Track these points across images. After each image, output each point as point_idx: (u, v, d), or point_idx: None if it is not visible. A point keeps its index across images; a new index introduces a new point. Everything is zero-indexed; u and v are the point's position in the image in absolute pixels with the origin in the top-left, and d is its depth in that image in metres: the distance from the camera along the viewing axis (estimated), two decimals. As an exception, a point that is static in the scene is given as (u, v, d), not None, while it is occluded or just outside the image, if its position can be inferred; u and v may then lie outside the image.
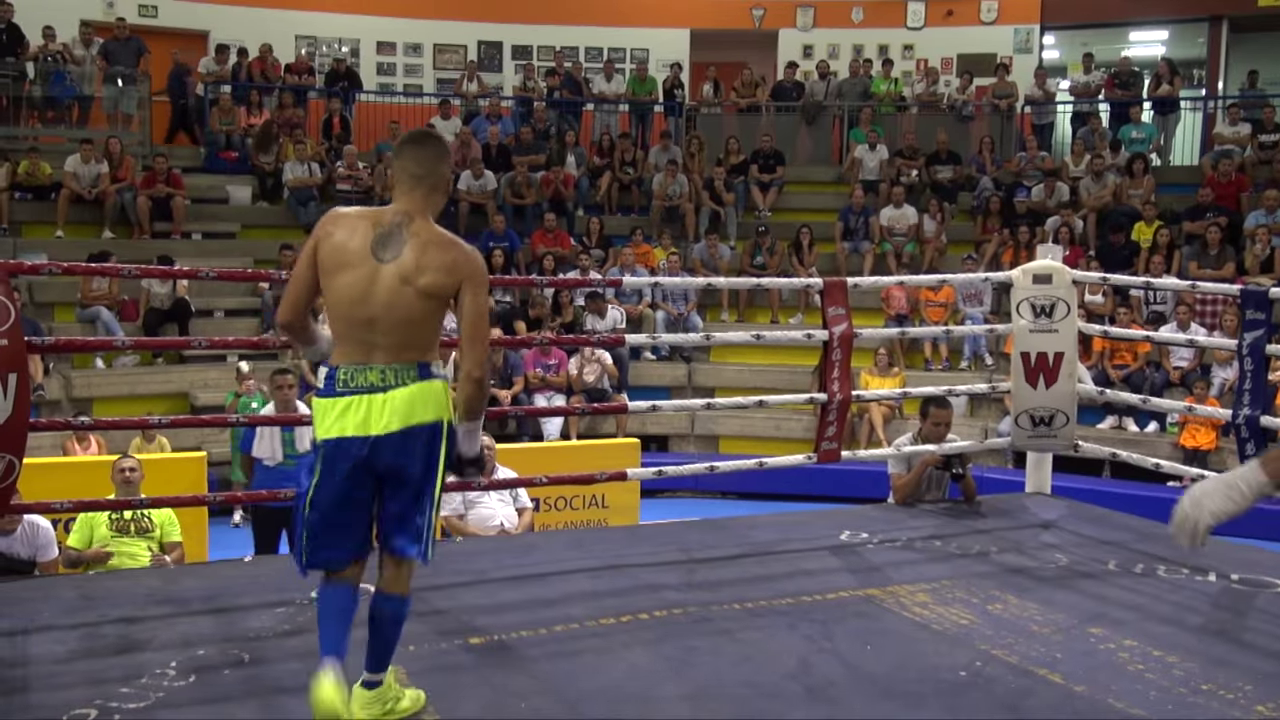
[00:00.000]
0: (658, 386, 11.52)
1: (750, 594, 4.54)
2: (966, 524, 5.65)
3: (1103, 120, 14.83)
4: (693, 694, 3.60)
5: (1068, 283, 5.93)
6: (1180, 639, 4.14)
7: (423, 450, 3.12)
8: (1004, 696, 3.62)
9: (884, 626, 4.23)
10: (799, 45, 16.94)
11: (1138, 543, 5.41)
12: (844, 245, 13.30)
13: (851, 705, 3.54)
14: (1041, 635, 4.14)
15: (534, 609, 4.33)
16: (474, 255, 3.20)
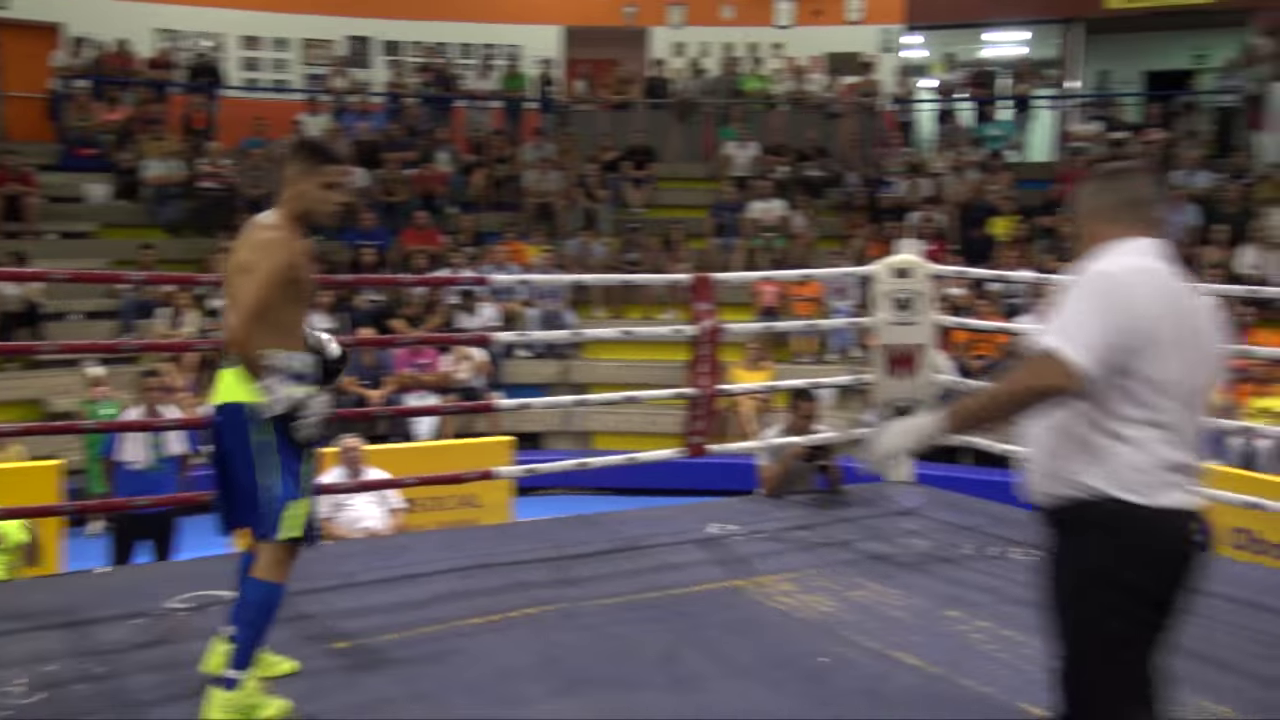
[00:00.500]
0: (532, 384, 11.48)
1: (619, 589, 4.58)
2: (831, 514, 5.79)
3: (964, 118, 15.26)
4: (561, 689, 3.62)
5: (926, 276, 6.11)
6: (1031, 619, 4.27)
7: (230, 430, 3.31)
8: (864, 680, 3.72)
9: (749, 616, 4.31)
10: (670, 43, 17.06)
11: (993, 527, 5.60)
12: (715, 241, 13.45)
13: (717, 693, 3.60)
14: (901, 620, 4.27)
15: (402, 611, 4.30)
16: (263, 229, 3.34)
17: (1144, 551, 2.41)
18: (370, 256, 12.05)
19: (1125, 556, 2.41)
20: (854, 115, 15.37)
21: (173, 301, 10.89)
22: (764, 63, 16.37)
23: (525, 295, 12.20)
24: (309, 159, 3.38)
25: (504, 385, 11.21)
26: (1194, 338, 2.46)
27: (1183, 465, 2.45)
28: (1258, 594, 4.70)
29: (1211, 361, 2.53)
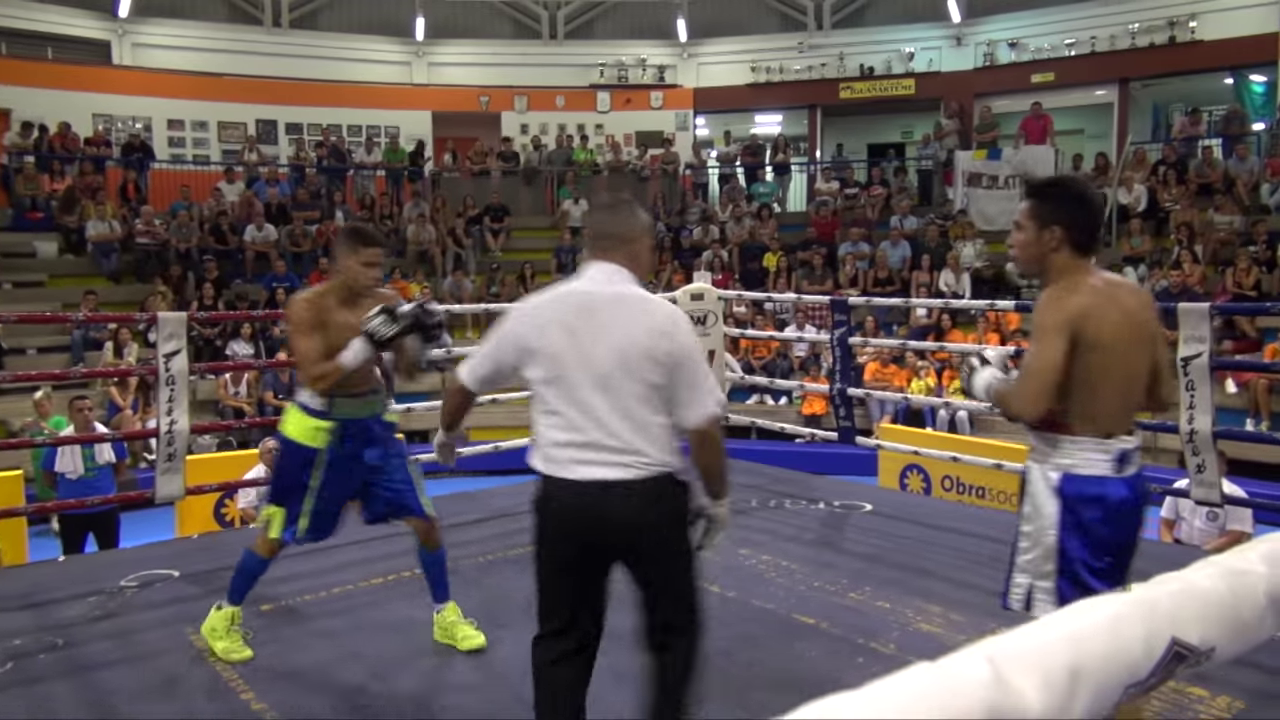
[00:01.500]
0: (419, 391, 11.24)
1: (489, 548, 4.53)
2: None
3: (740, 179, 15.64)
4: (446, 631, 3.55)
5: (715, 298, 6.23)
6: (800, 551, 4.45)
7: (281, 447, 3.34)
8: (679, 606, 3.77)
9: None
10: (517, 123, 16.95)
11: (772, 485, 5.75)
12: (558, 276, 13.41)
13: (568, 626, 3.59)
14: (706, 559, 4.32)
15: (316, 576, 4.15)
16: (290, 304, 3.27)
17: (545, 510, 2.33)
18: (283, 295, 11.59)
19: (540, 515, 2.36)
20: (659, 178, 15.57)
21: (116, 337, 10.24)
22: (589, 139, 16.43)
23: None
24: (352, 242, 3.22)
25: (396, 394, 10.93)
26: (586, 342, 2.24)
27: (579, 443, 2.24)
28: (960, 523, 4.97)
29: (620, 352, 2.24)
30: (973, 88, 15.48)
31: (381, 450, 3.32)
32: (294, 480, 3.22)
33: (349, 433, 3.26)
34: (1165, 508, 5.16)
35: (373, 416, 3.33)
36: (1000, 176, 13.39)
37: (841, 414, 5.67)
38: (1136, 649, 0.49)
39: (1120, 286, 2.35)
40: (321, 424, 3.22)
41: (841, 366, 5.67)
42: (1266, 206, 11.46)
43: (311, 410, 3.23)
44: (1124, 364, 2.26)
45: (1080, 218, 2.30)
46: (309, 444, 3.21)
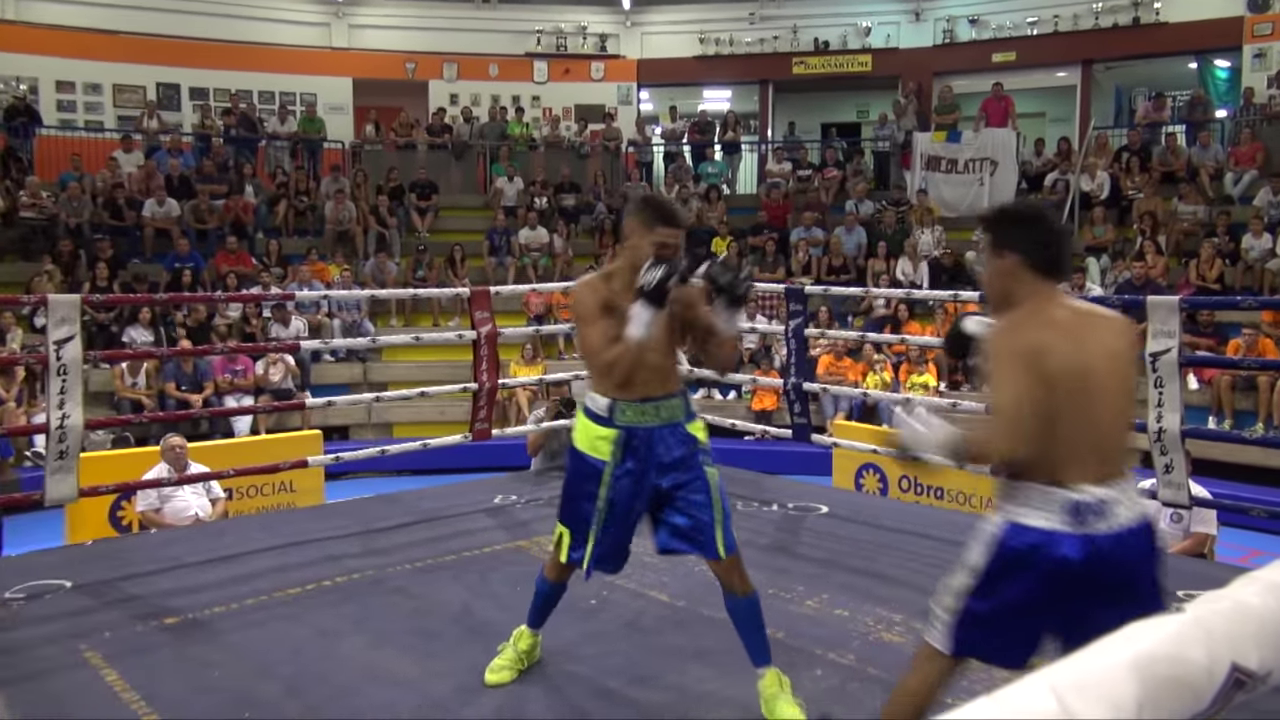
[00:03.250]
0: (337, 384, 11.04)
1: (419, 554, 4.46)
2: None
3: (687, 158, 15.66)
4: (371, 644, 3.49)
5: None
6: (753, 556, 4.43)
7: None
8: (625, 615, 3.76)
9: (531, 570, 4.22)
10: (446, 93, 16.73)
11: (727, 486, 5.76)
12: (490, 260, 13.30)
13: (505, 638, 3.54)
14: (653, 565, 4.32)
15: (226, 587, 4.04)
16: (574, 290, 3.04)
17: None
18: (187, 277, 11.29)
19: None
20: (600, 155, 15.52)
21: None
22: (525, 111, 16.30)
23: (329, 308, 11.72)
24: (647, 217, 2.89)
25: (313, 386, 10.75)
26: None
27: None
28: (919, 526, 5.04)
29: None
30: (932, 66, 15.71)
31: (678, 468, 2.93)
32: (580, 498, 2.96)
33: (634, 444, 2.91)
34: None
35: (667, 425, 2.94)
36: (960, 160, 13.62)
37: (795, 410, 5.70)
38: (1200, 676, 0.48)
39: (1091, 316, 2.27)
40: (603, 432, 2.92)
41: (796, 360, 5.70)
42: (1230, 197, 11.84)
43: (593, 416, 2.95)
44: (1085, 404, 2.14)
45: (1034, 239, 2.24)
46: (593, 456, 2.93)
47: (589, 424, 2.95)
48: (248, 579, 4.14)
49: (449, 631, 3.60)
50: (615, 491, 2.92)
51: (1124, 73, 15.71)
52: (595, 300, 2.89)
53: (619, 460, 2.91)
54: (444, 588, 4.05)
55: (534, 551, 4.50)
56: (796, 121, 16.53)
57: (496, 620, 3.69)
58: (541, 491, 5.55)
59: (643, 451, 2.91)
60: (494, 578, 4.15)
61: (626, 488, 2.92)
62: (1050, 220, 2.30)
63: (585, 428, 2.96)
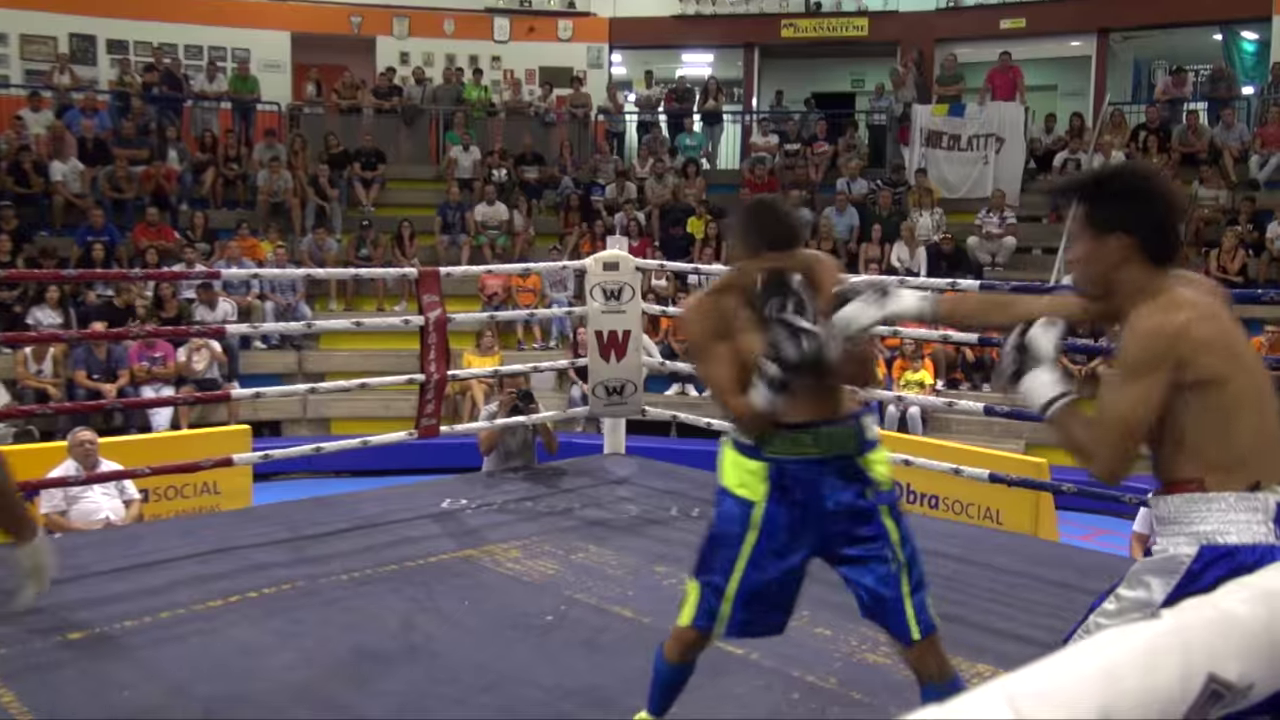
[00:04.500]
0: (269, 374, 10.97)
1: (356, 564, 4.44)
2: (553, 485, 5.82)
3: (663, 129, 15.66)
4: (300, 663, 3.48)
5: (632, 269, 6.23)
6: (727, 569, 4.49)
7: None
8: (585, 633, 3.77)
9: (480, 582, 4.28)
10: (396, 52, 16.62)
11: (695, 490, 5.78)
12: (443, 238, 13.25)
13: (450, 656, 3.55)
14: (616, 577, 4.34)
15: (139, 598, 4.00)
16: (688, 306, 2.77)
17: None
18: (100, 252, 11.15)
19: None
20: (567, 124, 15.49)
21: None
22: (484, 74, 16.23)
23: (260, 289, 11.64)
24: (753, 237, 2.59)
25: (242, 376, 10.67)
26: None
27: None
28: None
29: None
30: (934, 31, 15.80)
31: (847, 519, 2.58)
32: (722, 546, 2.63)
33: (786, 482, 2.57)
34: (1139, 521, 5.37)
35: (831, 459, 2.57)
36: (963, 136, 13.72)
37: (778, 408, 5.72)
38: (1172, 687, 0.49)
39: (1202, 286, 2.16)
40: (752, 466, 2.59)
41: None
42: (1255, 181, 12.00)
43: (740, 445, 2.63)
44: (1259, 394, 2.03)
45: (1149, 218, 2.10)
46: (739, 494, 2.60)
47: (736, 455, 2.64)
48: (164, 590, 4.10)
49: (388, 649, 3.59)
50: (764, 538, 2.58)
51: (1143, 43, 15.87)
52: (708, 329, 2.62)
53: (772, 499, 2.58)
54: (383, 601, 4.03)
55: (484, 562, 4.50)
56: (784, 90, 16.56)
57: (441, 637, 3.69)
58: (494, 495, 5.54)
59: (798, 493, 2.57)
60: (440, 590, 4.15)
61: (782, 535, 2.58)
62: (1168, 193, 2.14)
63: (733, 460, 2.64)
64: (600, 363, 6.15)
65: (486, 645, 3.64)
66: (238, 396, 6.05)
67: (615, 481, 5.97)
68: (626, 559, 4.56)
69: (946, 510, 7.16)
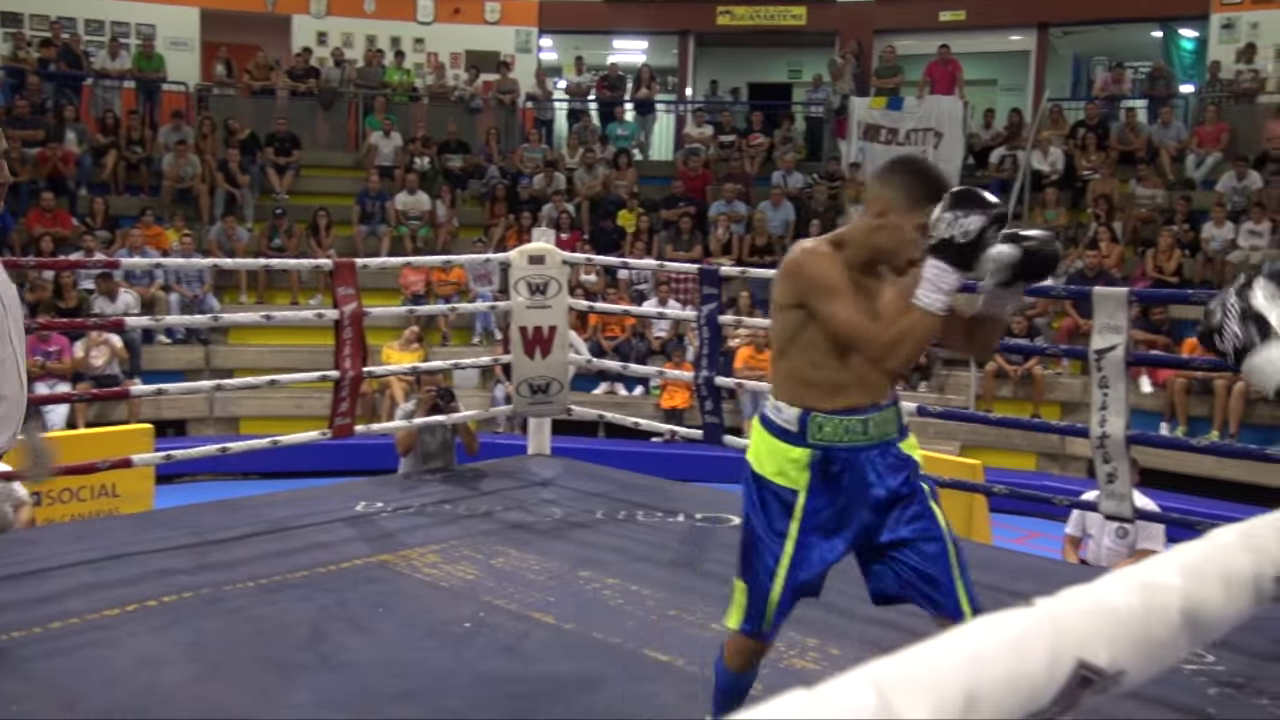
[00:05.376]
0: (174, 370, 10.77)
1: (264, 570, 4.39)
2: (474, 487, 5.80)
3: (594, 117, 15.67)
4: (205, 674, 3.43)
5: (559, 263, 6.23)
6: (653, 574, 4.52)
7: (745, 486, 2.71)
8: (504, 640, 3.77)
9: (396, 589, 4.25)
10: (313, 31, 16.41)
11: (622, 493, 5.82)
12: (361, 228, 13.11)
13: (362, 666, 3.53)
14: (538, 583, 4.35)
15: (28, 608, 3.91)
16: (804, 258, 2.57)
17: None
18: (-11, 240, 10.87)
19: None
20: (493, 111, 15.42)
21: None
22: (406, 56, 16.10)
23: (165, 280, 11.42)
24: (916, 189, 2.51)
25: (144, 372, 10.45)
26: None
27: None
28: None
29: None
30: (873, 22, 16.02)
31: (897, 505, 2.60)
32: (767, 540, 2.60)
33: (833, 469, 2.57)
34: (1071, 523, 5.51)
35: (877, 445, 2.60)
36: (902, 130, 13.92)
37: (707, 408, 5.78)
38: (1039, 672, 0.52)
39: None
40: (795, 453, 2.57)
41: (709, 350, 5.78)
42: (1191, 180, 12.37)
43: (778, 430, 2.60)
44: None
45: None
46: (781, 483, 2.58)
47: (774, 441, 2.60)
48: (57, 598, 4.02)
49: (297, 660, 3.56)
50: (807, 531, 2.58)
51: (1083, 39, 16.27)
52: (840, 271, 2.51)
53: (815, 489, 2.57)
54: (292, 609, 4.00)
55: (400, 567, 4.48)
56: (720, 80, 16.68)
57: (354, 646, 3.67)
58: (411, 498, 5.51)
59: (847, 480, 2.57)
60: (353, 597, 4.12)
61: (825, 525, 2.59)
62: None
63: (770, 447, 2.61)
64: (524, 360, 6.14)
65: (401, 654, 3.62)
66: (138, 394, 5.94)
67: (539, 483, 5.98)
68: (549, 563, 4.57)
69: (880, 513, 7.27)
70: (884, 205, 2.52)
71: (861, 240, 2.56)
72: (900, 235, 2.50)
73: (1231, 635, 3.43)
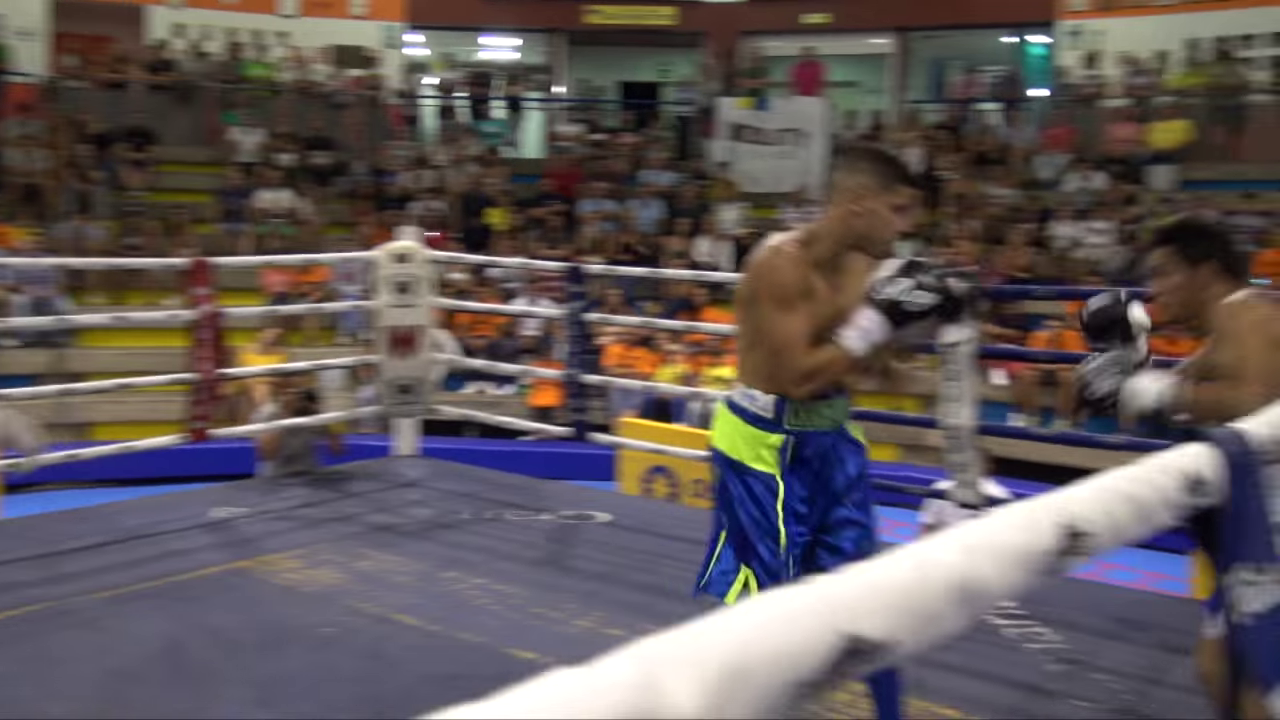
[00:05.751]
0: (22, 374, 10.29)
1: (115, 581, 4.25)
2: (338, 489, 5.71)
3: (463, 115, 15.53)
4: (54, 693, 3.30)
5: (424, 261, 6.17)
6: (519, 572, 4.52)
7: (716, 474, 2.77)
8: (367, 644, 3.72)
9: (254, 596, 4.16)
10: (169, 23, 15.84)
11: (490, 492, 5.79)
12: (223, 226, 12.74)
13: (221, 675, 3.45)
14: (402, 585, 4.30)
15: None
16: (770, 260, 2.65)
17: None
18: None
19: None
20: (359, 107, 15.15)
21: None
22: (268, 50, 15.69)
23: (11, 280, 10.90)
24: (886, 174, 2.63)
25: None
26: None
27: None
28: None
29: None
30: (740, 23, 16.25)
31: (855, 489, 2.74)
32: (763, 521, 2.66)
33: (806, 454, 2.69)
34: (927, 513, 5.69)
35: (837, 430, 2.75)
36: (768, 130, 14.17)
37: (575, 406, 5.80)
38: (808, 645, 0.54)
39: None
40: (771, 439, 2.66)
41: (575, 349, 5.80)
42: (1041, 181, 12.89)
43: (752, 417, 2.68)
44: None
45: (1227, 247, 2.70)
46: (758, 468, 2.67)
47: (748, 428, 2.69)
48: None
49: (150, 673, 3.45)
50: (788, 513, 2.67)
51: (941, 43, 16.78)
52: (798, 278, 2.60)
53: (787, 472, 2.68)
54: (145, 620, 3.87)
55: (260, 573, 4.38)
56: (590, 78, 16.72)
57: (212, 659, 3.58)
58: (273, 502, 5.39)
59: (817, 465, 2.71)
60: (209, 606, 4.01)
61: (798, 509, 2.69)
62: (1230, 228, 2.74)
63: (745, 433, 2.69)
64: (390, 360, 6.06)
65: (260, 661, 3.55)
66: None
67: (405, 484, 5.91)
68: (414, 565, 4.53)
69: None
70: (858, 192, 2.62)
71: (838, 232, 2.67)
72: (878, 218, 2.62)
73: (1070, 614, 3.60)
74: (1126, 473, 0.97)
